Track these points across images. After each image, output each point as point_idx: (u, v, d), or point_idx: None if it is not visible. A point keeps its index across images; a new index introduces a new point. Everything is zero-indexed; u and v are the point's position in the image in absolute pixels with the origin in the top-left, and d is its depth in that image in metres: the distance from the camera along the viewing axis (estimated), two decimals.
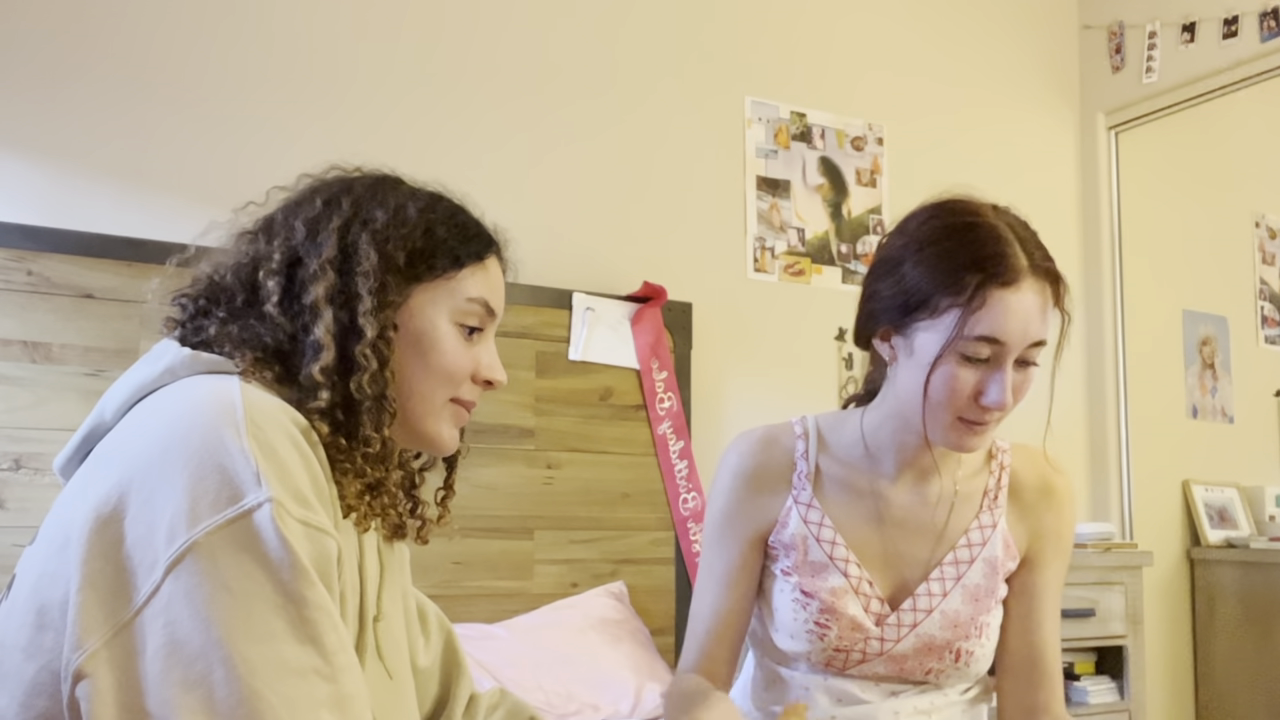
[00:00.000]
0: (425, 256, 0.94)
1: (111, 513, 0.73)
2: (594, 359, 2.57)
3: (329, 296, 0.88)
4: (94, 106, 2.23)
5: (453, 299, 0.95)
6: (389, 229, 0.92)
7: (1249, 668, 3.30)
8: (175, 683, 0.69)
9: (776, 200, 2.97)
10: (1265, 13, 3.03)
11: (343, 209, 0.93)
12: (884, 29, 3.22)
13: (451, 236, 0.96)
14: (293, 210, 0.94)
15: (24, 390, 2.02)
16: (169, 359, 0.85)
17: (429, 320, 0.93)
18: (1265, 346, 3.94)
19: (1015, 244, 1.11)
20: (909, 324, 1.13)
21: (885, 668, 1.22)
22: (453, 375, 0.95)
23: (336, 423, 0.87)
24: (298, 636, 0.73)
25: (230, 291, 0.91)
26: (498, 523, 2.45)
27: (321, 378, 0.86)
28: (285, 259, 0.90)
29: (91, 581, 0.72)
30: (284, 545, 0.73)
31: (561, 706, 2.09)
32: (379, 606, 0.96)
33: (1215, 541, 3.47)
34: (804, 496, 1.23)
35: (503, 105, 2.65)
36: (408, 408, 0.93)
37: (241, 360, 0.85)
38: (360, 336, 0.88)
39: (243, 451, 0.74)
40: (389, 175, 1.00)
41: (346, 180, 0.97)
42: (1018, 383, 1.11)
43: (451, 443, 0.98)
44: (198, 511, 0.72)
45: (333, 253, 0.90)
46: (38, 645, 0.74)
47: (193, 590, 0.70)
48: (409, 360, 0.93)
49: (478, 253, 0.98)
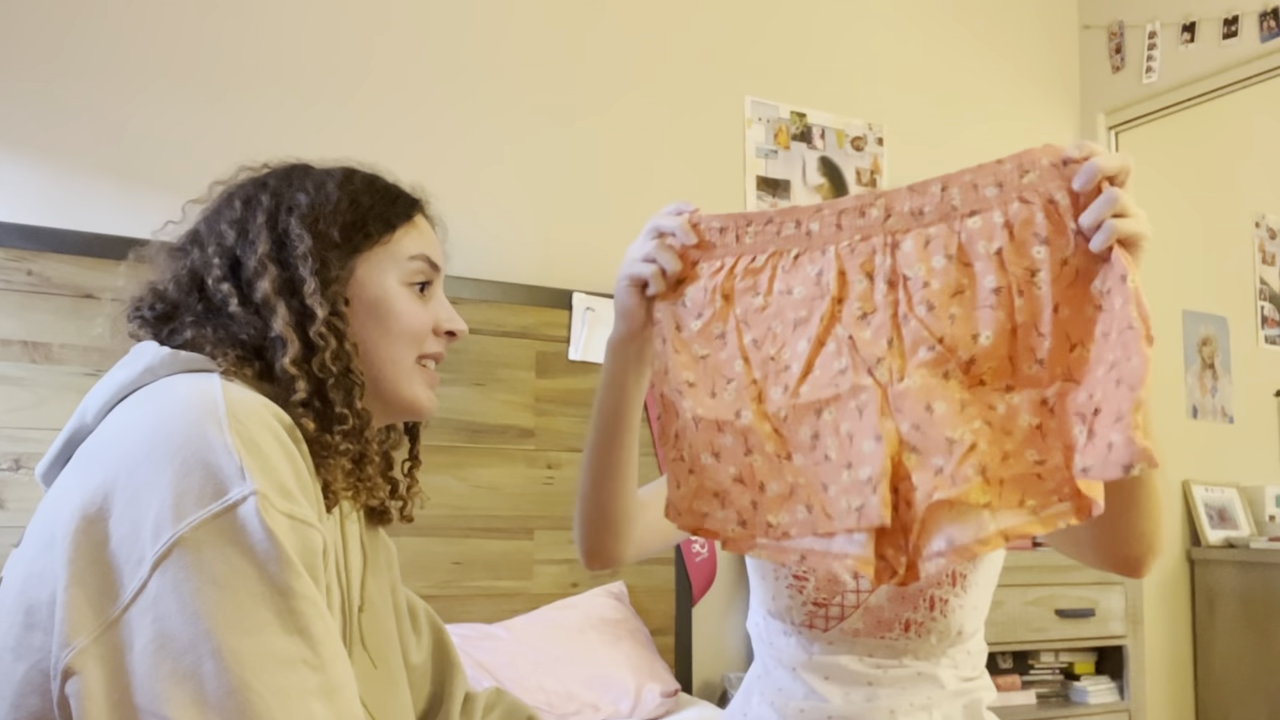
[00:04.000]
0: (358, 227, 0.95)
1: (97, 511, 0.74)
2: (594, 359, 2.57)
3: (276, 289, 0.90)
4: (94, 106, 2.23)
5: (395, 261, 0.97)
6: (315, 209, 0.94)
7: (1249, 668, 3.30)
8: (165, 676, 0.70)
9: (777, 200, 2.97)
10: (1265, 13, 3.03)
11: (263, 203, 0.94)
12: (884, 29, 3.23)
13: (377, 203, 0.98)
14: (214, 217, 0.96)
15: (24, 390, 2.03)
16: (148, 358, 0.86)
17: (379, 286, 0.95)
18: (1265, 346, 3.94)
19: None
20: None
21: (864, 623, 1.22)
22: (416, 334, 0.97)
23: (317, 412, 0.88)
24: (285, 627, 0.73)
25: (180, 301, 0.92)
26: (498, 523, 2.45)
27: (294, 369, 0.88)
28: (226, 263, 0.92)
29: (78, 579, 0.72)
30: (269, 537, 0.73)
31: (561, 706, 2.09)
32: (363, 597, 0.97)
33: (1215, 541, 3.47)
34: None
35: (502, 105, 2.65)
36: (381, 377, 0.95)
37: (224, 359, 0.86)
38: (314, 319, 0.89)
39: (226, 447, 0.75)
40: (297, 163, 1.02)
41: (258, 177, 0.99)
42: None
43: (430, 404, 1.00)
44: (183, 507, 0.72)
45: (267, 246, 0.92)
46: (27, 645, 0.75)
47: (180, 584, 0.71)
48: (370, 330, 0.95)
49: (405, 212, 1.00)
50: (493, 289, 2.46)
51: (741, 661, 2.75)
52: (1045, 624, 2.82)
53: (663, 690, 2.24)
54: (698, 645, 2.68)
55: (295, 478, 0.79)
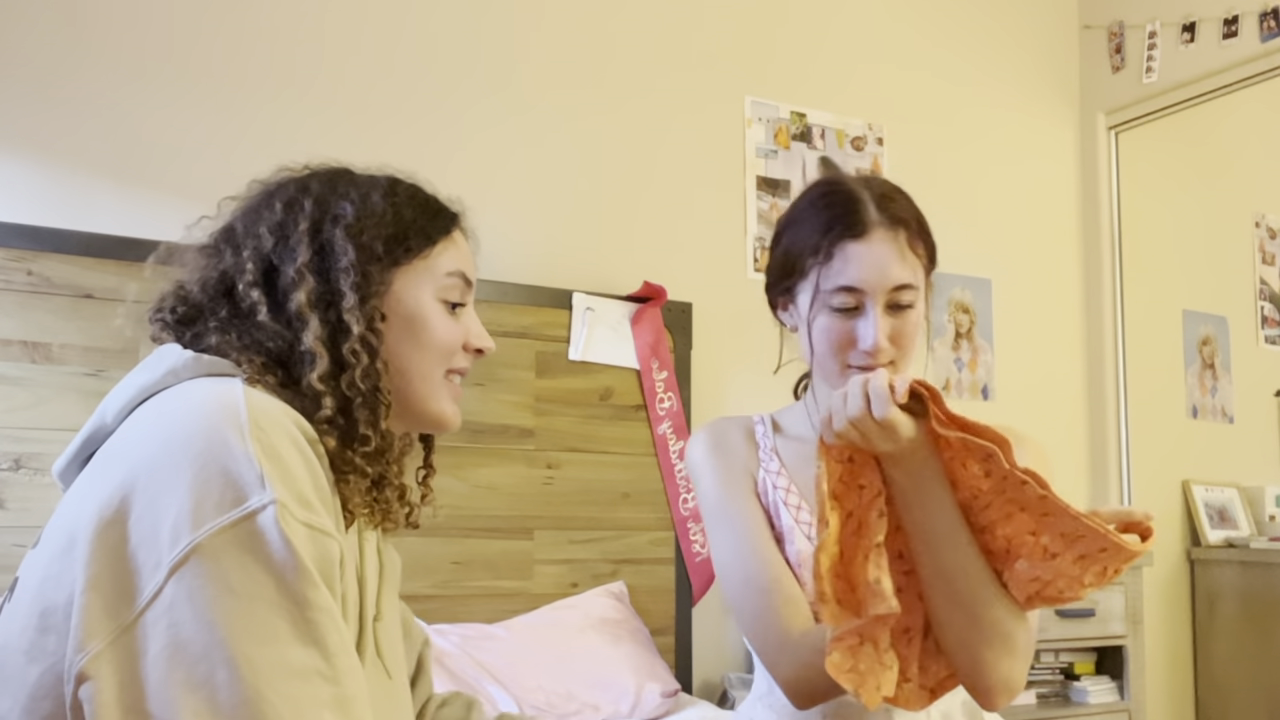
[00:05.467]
0: (399, 240, 0.94)
1: (115, 515, 0.73)
2: (594, 359, 2.57)
3: (311, 301, 0.88)
4: (94, 106, 2.23)
5: (432, 276, 0.96)
6: (360, 220, 0.92)
7: (1249, 668, 3.30)
8: (178, 684, 0.70)
9: (776, 200, 2.97)
10: (1265, 13, 3.03)
11: (306, 209, 0.92)
12: (884, 29, 3.22)
13: (419, 216, 0.97)
14: (252, 218, 0.94)
15: (24, 390, 2.02)
16: (171, 361, 0.85)
17: (415, 300, 0.94)
18: (1265, 346, 3.94)
19: (868, 202, 1.19)
20: (792, 288, 1.23)
21: None
22: (447, 349, 0.96)
23: (340, 430, 0.87)
24: (301, 638, 0.73)
25: (206, 305, 0.91)
26: (498, 523, 2.44)
27: (321, 385, 0.86)
28: (260, 269, 0.90)
29: (95, 584, 0.72)
30: (287, 547, 0.73)
31: (561, 706, 2.09)
32: (378, 607, 0.96)
33: (1215, 541, 3.47)
34: (773, 466, 1.29)
35: (502, 106, 2.65)
36: (409, 391, 0.94)
37: (249, 366, 0.85)
38: (348, 335, 0.88)
39: (246, 454, 0.75)
40: (340, 167, 1.00)
41: (300, 179, 0.97)
42: (897, 327, 1.18)
43: (455, 419, 0.99)
44: (201, 513, 0.72)
45: (307, 255, 0.90)
46: (41, 648, 0.74)
47: (196, 592, 0.71)
48: (402, 344, 0.94)
49: (445, 227, 0.99)
50: (493, 289, 2.46)
51: (741, 662, 2.75)
52: (1045, 624, 2.82)
53: (663, 690, 2.24)
54: (698, 645, 2.68)
55: (315, 487, 0.79)
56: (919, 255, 1.20)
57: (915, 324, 1.20)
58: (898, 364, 1.20)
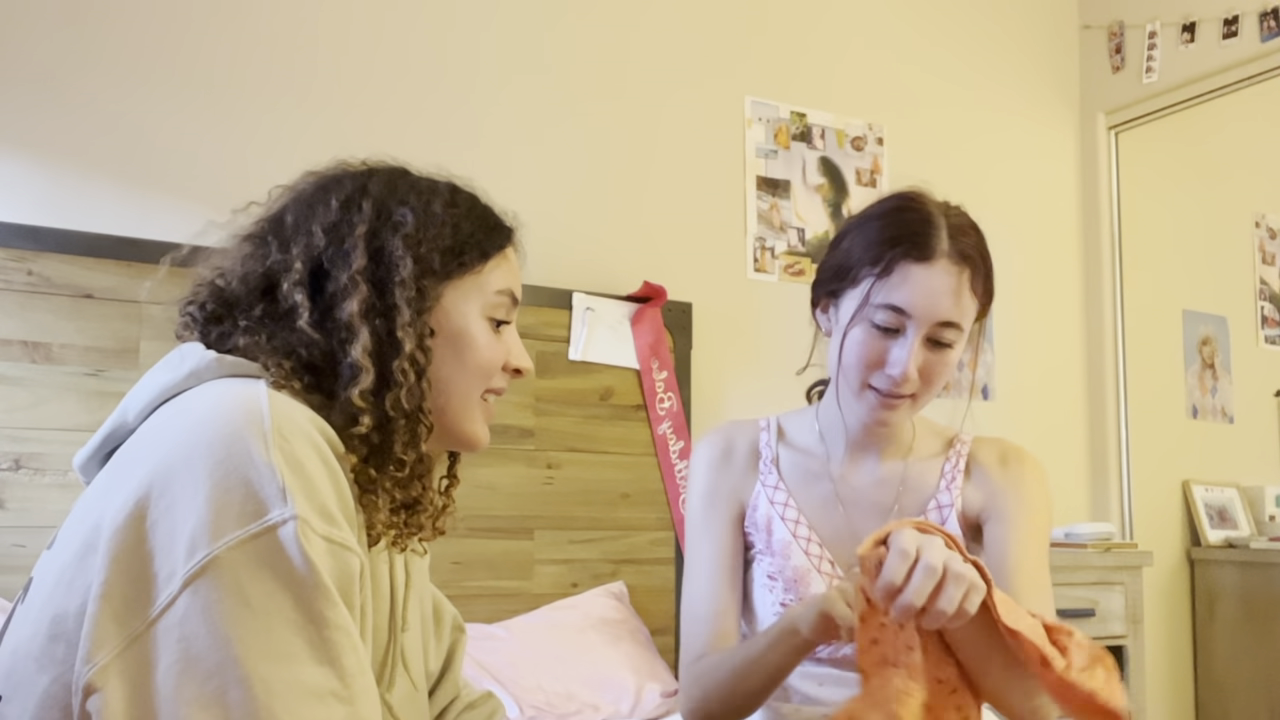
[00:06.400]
0: (455, 253, 0.90)
1: (131, 521, 0.71)
2: (594, 359, 2.57)
3: (364, 311, 0.84)
4: (94, 106, 2.23)
5: (482, 293, 0.92)
6: (420, 230, 0.88)
7: (1249, 668, 3.30)
8: (189, 700, 0.68)
9: (776, 200, 2.97)
10: (1265, 13, 3.03)
11: (364, 212, 0.88)
12: (884, 29, 3.22)
13: (477, 230, 0.93)
14: (305, 213, 0.89)
15: (24, 390, 2.02)
16: (193, 362, 0.82)
17: (463, 317, 0.91)
18: (1265, 346, 3.94)
19: (941, 229, 1.16)
20: (839, 293, 1.21)
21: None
22: (488, 369, 0.93)
23: (372, 448, 0.83)
24: (317, 657, 0.71)
25: (242, 300, 0.87)
26: (498, 523, 2.45)
27: (362, 402, 0.82)
28: (308, 269, 0.85)
29: (106, 592, 0.70)
30: (307, 563, 0.71)
31: (561, 706, 2.09)
32: (405, 618, 0.94)
33: (1215, 541, 3.47)
34: (770, 480, 1.28)
35: (503, 105, 2.65)
36: (445, 409, 0.91)
37: (277, 370, 0.82)
38: (399, 351, 0.84)
39: (269, 465, 0.72)
40: (398, 167, 0.96)
41: (358, 178, 0.92)
42: (931, 362, 1.15)
43: (485, 439, 0.96)
44: (220, 525, 0.70)
45: (363, 262, 0.85)
46: (50, 656, 0.72)
47: (211, 605, 0.68)
48: (445, 362, 0.90)
49: (499, 243, 0.95)
50: None
51: None
52: None
53: (663, 690, 2.24)
54: None
55: (338, 499, 0.76)
56: (975, 297, 1.17)
57: (948, 364, 1.16)
58: (919, 399, 1.18)
